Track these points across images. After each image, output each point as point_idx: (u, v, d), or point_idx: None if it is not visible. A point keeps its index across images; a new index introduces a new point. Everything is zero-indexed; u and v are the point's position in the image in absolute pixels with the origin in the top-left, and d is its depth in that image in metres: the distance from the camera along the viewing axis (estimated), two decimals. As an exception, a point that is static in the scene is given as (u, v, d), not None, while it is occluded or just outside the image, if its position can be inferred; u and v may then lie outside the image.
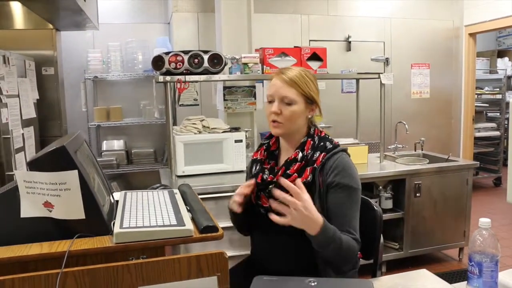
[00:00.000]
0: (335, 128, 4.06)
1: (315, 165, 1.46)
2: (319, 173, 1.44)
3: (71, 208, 1.09)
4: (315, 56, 3.07)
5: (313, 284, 1.15)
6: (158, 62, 2.74)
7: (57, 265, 0.96)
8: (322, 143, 1.50)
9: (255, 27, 3.50)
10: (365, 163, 3.30)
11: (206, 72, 2.81)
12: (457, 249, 3.43)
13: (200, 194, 1.56)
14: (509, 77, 6.46)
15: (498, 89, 6.33)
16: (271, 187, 1.48)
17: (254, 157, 1.62)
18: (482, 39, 6.35)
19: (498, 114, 6.21)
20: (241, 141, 2.93)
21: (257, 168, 1.58)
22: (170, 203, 1.33)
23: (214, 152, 2.88)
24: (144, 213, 1.22)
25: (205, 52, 2.81)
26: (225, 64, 2.87)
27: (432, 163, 3.39)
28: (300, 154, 1.48)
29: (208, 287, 1.00)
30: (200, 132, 2.89)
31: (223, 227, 1.21)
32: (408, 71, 5.03)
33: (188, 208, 1.31)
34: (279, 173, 1.50)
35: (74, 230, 1.10)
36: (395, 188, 3.21)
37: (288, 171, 1.48)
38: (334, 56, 4.15)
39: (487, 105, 6.28)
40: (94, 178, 1.25)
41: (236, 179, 2.75)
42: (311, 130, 1.53)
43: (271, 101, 1.49)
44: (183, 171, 2.84)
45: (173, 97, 4.16)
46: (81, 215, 1.10)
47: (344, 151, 1.51)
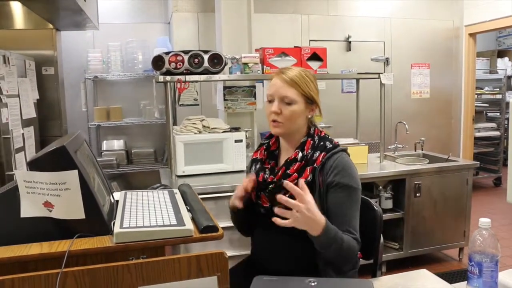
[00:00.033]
0: (335, 128, 4.06)
1: (315, 164, 1.46)
2: (319, 173, 1.45)
3: (71, 208, 1.09)
4: (315, 56, 3.07)
5: (313, 284, 1.15)
6: (158, 62, 2.74)
7: (57, 265, 0.96)
8: (322, 143, 1.50)
9: (255, 27, 3.50)
10: (365, 163, 3.30)
11: (206, 72, 2.81)
12: (457, 249, 3.43)
13: (200, 194, 1.56)
14: (509, 77, 6.46)
15: (498, 89, 6.33)
16: (271, 187, 1.49)
17: (254, 157, 1.63)
18: (482, 39, 6.35)
19: (498, 114, 6.21)
20: (241, 141, 2.93)
21: (257, 167, 1.58)
22: (170, 203, 1.33)
23: (214, 152, 2.88)
24: (144, 213, 1.22)
25: (205, 52, 2.81)
26: (225, 64, 2.87)
27: (432, 163, 3.39)
28: (300, 154, 1.48)
29: (208, 287, 1.00)
30: (200, 132, 2.89)
31: (223, 227, 1.21)
32: (408, 71, 5.03)
33: (188, 208, 1.31)
34: (279, 173, 1.50)
35: (74, 230, 1.10)
36: (395, 188, 3.21)
37: (288, 171, 1.48)
38: (334, 56, 4.15)
39: (487, 105, 6.28)
40: (94, 178, 1.25)
41: (236, 179, 2.75)
42: (311, 130, 1.54)
43: (271, 100, 1.50)
44: (183, 171, 2.84)
45: (173, 97, 4.16)
46: (81, 215, 1.10)
47: (344, 150, 1.51)
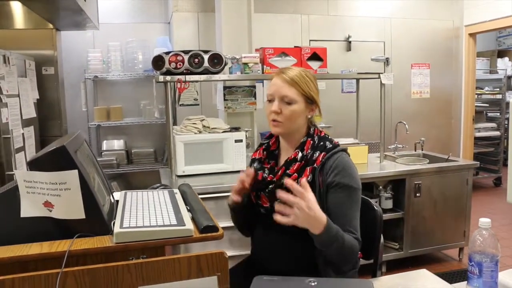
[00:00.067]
0: (335, 128, 4.06)
1: (315, 165, 1.46)
2: (319, 173, 1.44)
3: (71, 208, 1.09)
4: (315, 56, 3.07)
5: (313, 284, 1.15)
6: (158, 62, 2.74)
7: (57, 265, 0.96)
8: (322, 143, 1.50)
9: (255, 27, 3.50)
10: (365, 163, 3.30)
11: (206, 72, 2.81)
12: (457, 249, 3.43)
13: (200, 194, 1.56)
14: (509, 77, 6.45)
15: (498, 89, 6.33)
16: (271, 187, 1.49)
17: (254, 157, 1.63)
18: (482, 39, 6.35)
19: (498, 114, 6.21)
20: (241, 141, 2.93)
21: (256, 167, 1.58)
22: (170, 203, 1.33)
23: (214, 152, 2.88)
24: (144, 213, 1.22)
25: (205, 52, 2.81)
26: (225, 64, 2.87)
27: (432, 163, 3.39)
28: (300, 154, 1.48)
29: (208, 287, 1.00)
30: (200, 132, 2.89)
31: (223, 227, 1.21)
32: (408, 71, 5.03)
33: (188, 208, 1.31)
34: (278, 173, 1.50)
35: (74, 230, 1.10)
36: (395, 188, 3.21)
37: (288, 171, 1.48)
38: (334, 56, 4.14)
39: (487, 105, 6.28)
40: (94, 178, 1.25)
41: (236, 179, 2.73)
42: (311, 130, 1.54)
43: (271, 100, 1.50)
44: (183, 171, 2.84)
45: (173, 97, 4.16)
46: (81, 215, 1.10)
47: (344, 150, 1.51)
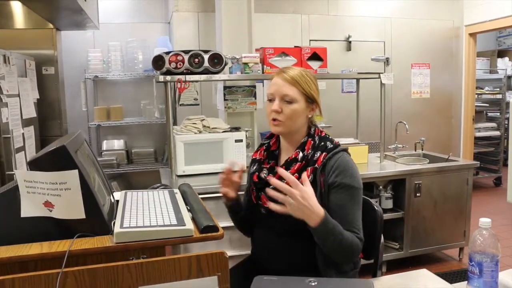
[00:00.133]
0: (335, 128, 4.05)
1: (316, 165, 1.46)
2: (320, 173, 1.44)
3: (71, 207, 1.09)
4: (315, 56, 3.07)
5: (313, 284, 1.15)
6: (158, 61, 2.74)
7: (57, 265, 0.96)
8: (323, 143, 1.50)
9: (255, 27, 3.50)
10: (365, 163, 3.30)
11: (206, 71, 2.81)
12: (457, 249, 3.43)
13: (200, 193, 1.56)
14: (509, 77, 6.45)
15: (498, 89, 6.32)
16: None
17: (254, 157, 1.63)
18: (482, 39, 6.34)
19: (498, 114, 6.21)
20: (241, 140, 2.93)
21: (254, 167, 1.59)
22: (170, 203, 1.33)
23: (215, 152, 2.88)
24: (145, 213, 1.22)
25: (206, 51, 2.81)
26: (226, 64, 2.87)
27: (432, 163, 3.39)
28: (301, 154, 1.48)
29: (208, 287, 1.00)
30: (200, 132, 2.89)
31: (224, 227, 1.21)
32: (408, 71, 5.03)
33: (189, 208, 1.31)
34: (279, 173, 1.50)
35: (74, 230, 1.10)
36: (395, 188, 3.21)
37: (288, 171, 1.47)
38: (334, 56, 4.14)
39: (487, 105, 6.28)
40: (95, 178, 1.25)
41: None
42: (312, 130, 1.54)
43: (271, 99, 1.50)
44: (183, 171, 2.84)
45: (174, 97, 4.16)
46: (82, 215, 1.10)
47: (345, 150, 1.51)
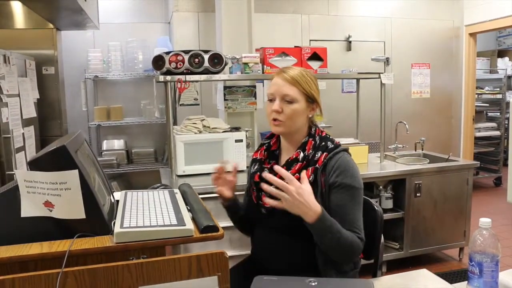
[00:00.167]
0: (335, 128, 4.05)
1: (317, 165, 1.46)
2: (321, 173, 1.44)
3: (71, 207, 1.09)
4: (315, 56, 3.07)
5: (313, 284, 1.15)
6: (158, 61, 2.74)
7: (58, 264, 0.96)
8: (324, 143, 1.50)
9: (255, 26, 3.50)
10: (366, 163, 3.30)
11: (206, 71, 2.81)
12: (458, 249, 3.43)
13: (200, 193, 1.56)
14: (509, 77, 6.45)
15: (498, 89, 6.32)
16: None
17: (254, 157, 1.63)
18: (483, 39, 6.34)
19: (498, 114, 6.21)
20: (241, 140, 2.92)
21: (255, 167, 1.58)
22: (170, 203, 1.33)
23: (215, 152, 2.88)
24: (145, 213, 1.22)
25: (206, 51, 2.81)
26: (226, 64, 2.87)
27: (432, 163, 3.39)
28: (302, 154, 1.48)
29: (208, 287, 1.00)
30: (200, 132, 2.89)
31: (224, 227, 1.21)
32: (408, 71, 5.03)
33: (189, 208, 1.31)
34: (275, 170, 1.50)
35: (74, 230, 1.10)
36: (396, 188, 3.21)
37: (289, 171, 1.47)
38: (334, 56, 4.14)
39: (487, 105, 6.28)
40: (95, 178, 1.25)
41: (236, 179, 2.74)
42: (312, 130, 1.53)
43: (272, 99, 1.49)
44: (183, 171, 2.84)
45: (174, 97, 4.16)
46: (82, 215, 1.10)
47: (346, 150, 1.51)
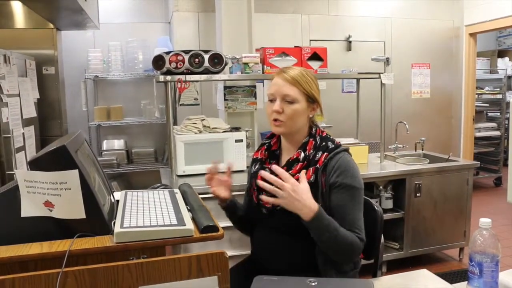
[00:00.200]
0: (336, 128, 4.05)
1: (317, 165, 1.46)
2: (321, 173, 1.44)
3: (71, 207, 1.09)
4: (315, 56, 3.07)
5: (313, 284, 1.15)
6: (158, 61, 2.74)
7: (58, 264, 0.96)
8: (324, 143, 1.50)
9: (255, 26, 3.50)
10: (366, 163, 3.30)
11: (206, 71, 2.81)
12: (458, 249, 3.43)
13: (200, 193, 1.56)
14: (509, 77, 6.44)
15: (498, 89, 6.32)
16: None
17: (255, 157, 1.62)
18: (483, 39, 6.34)
19: (498, 114, 6.21)
20: (241, 140, 2.92)
21: (256, 167, 1.58)
22: (170, 203, 1.33)
23: (215, 152, 2.88)
24: (145, 212, 1.22)
25: (206, 51, 2.81)
26: (226, 64, 2.87)
27: (432, 163, 3.39)
28: (302, 154, 1.48)
29: (208, 287, 1.00)
30: (200, 132, 2.89)
31: (224, 227, 1.21)
32: (408, 71, 5.03)
33: (189, 208, 1.31)
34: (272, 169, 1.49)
35: (74, 230, 1.10)
36: (396, 188, 3.21)
37: (290, 171, 1.47)
38: (334, 56, 4.14)
39: (487, 105, 6.28)
40: (95, 178, 1.25)
41: (237, 179, 2.73)
42: (313, 130, 1.53)
43: (272, 100, 1.49)
44: (183, 171, 2.84)
45: (174, 97, 4.16)
46: (82, 215, 1.09)
47: (346, 150, 1.51)
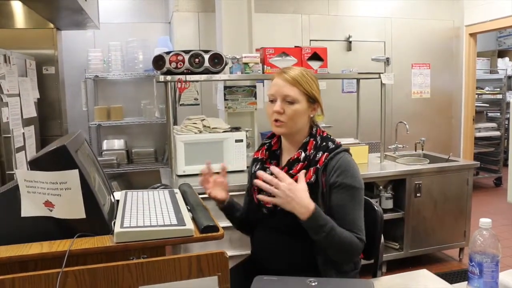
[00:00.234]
0: (336, 128, 4.04)
1: (318, 165, 1.46)
2: (322, 173, 1.44)
3: (71, 207, 1.09)
4: (315, 56, 3.07)
5: (313, 284, 1.15)
6: (159, 61, 2.74)
7: (58, 264, 0.96)
8: (325, 143, 1.50)
9: (255, 26, 3.50)
10: (366, 163, 3.30)
11: (206, 71, 2.81)
12: (458, 249, 3.43)
13: (200, 193, 1.56)
14: (509, 77, 6.45)
15: (498, 89, 6.33)
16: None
17: (255, 157, 1.62)
18: (483, 39, 6.34)
19: (498, 114, 6.21)
20: (241, 140, 2.92)
21: (257, 167, 1.58)
22: (170, 203, 1.33)
23: (215, 152, 2.88)
24: (145, 212, 1.22)
25: (206, 51, 2.81)
26: (226, 64, 2.87)
27: (432, 163, 3.38)
28: (303, 154, 1.48)
29: (208, 287, 1.00)
30: (200, 132, 2.89)
31: (224, 227, 1.21)
32: (408, 71, 5.03)
33: (189, 208, 1.31)
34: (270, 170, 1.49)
35: (74, 230, 1.10)
36: (396, 188, 3.21)
37: (291, 171, 1.47)
38: (334, 56, 4.14)
39: (487, 105, 6.28)
40: (95, 178, 1.25)
41: (237, 179, 2.74)
42: (313, 130, 1.53)
43: (272, 100, 1.49)
44: (183, 171, 2.84)
45: (174, 97, 4.16)
46: (82, 215, 1.10)
47: (347, 151, 1.51)
